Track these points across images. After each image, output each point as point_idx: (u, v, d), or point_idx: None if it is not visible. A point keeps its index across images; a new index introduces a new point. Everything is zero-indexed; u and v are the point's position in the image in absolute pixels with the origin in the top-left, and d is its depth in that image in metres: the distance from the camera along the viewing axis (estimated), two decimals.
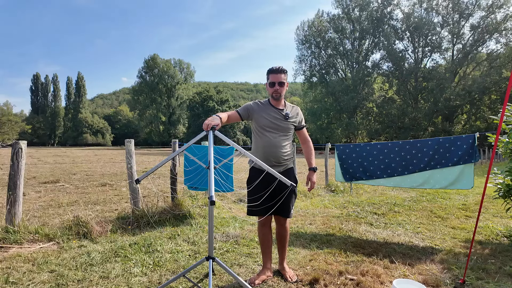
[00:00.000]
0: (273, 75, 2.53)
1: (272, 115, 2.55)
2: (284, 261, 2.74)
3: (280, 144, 2.53)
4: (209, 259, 2.26)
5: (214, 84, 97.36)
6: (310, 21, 47.12)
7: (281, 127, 2.55)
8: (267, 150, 2.51)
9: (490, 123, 32.88)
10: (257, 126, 2.57)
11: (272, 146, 2.51)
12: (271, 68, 2.56)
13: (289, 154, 2.60)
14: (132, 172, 4.30)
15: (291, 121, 2.59)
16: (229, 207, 5.39)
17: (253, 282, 2.49)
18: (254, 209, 2.56)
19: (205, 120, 2.20)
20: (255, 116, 2.57)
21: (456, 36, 37.96)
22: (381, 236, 3.92)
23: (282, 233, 2.69)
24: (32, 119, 77.68)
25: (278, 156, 2.51)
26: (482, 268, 2.86)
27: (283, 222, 2.66)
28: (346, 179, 4.88)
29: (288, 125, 2.58)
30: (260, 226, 2.67)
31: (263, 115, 2.55)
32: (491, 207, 5.85)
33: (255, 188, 2.53)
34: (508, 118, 3.56)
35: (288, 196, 2.57)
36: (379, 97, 43.51)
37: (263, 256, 2.68)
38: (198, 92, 62.93)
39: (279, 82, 2.51)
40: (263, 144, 2.54)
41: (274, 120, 2.54)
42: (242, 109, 2.61)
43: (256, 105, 2.62)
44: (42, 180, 8.65)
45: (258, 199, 2.55)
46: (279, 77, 2.52)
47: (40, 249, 3.17)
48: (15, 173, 3.37)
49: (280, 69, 2.54)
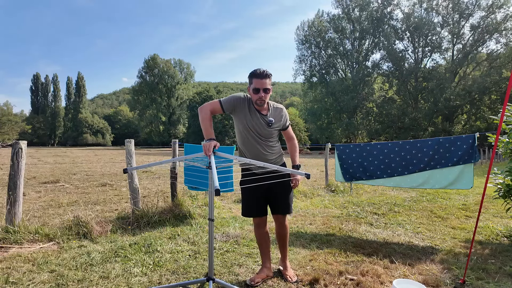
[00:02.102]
0: (257, 80, 2.32)
1: (255, 120, 2.40)
2: (285, 260, 2.70)
3: (263, 149, 2.44)
4: (209, 280, 2.26)
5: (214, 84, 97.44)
6: (310, 21, 47.14)
7: (264, 133, 2.43)
8: (252, 154, 2.44)
9: (490, 123, 32.86)
10: (240, 124, 2.43)
11: (256, 151, 2.43)
12: (255, 72, 2.34)
13: (275, 153, 2.53)
14: (132, 172, 4.30)
15: (274, 127, 2.46)
16: (229, 207, 5.39)
17: (253, 281, 2.49)
18: (248, 210, 2.56)
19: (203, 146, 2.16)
20: (238, 113, 2.41)
21: (456, 36, 37.96)
22: (381, 236, 3.92)
23: (282, 232, 2.64)
24: (32, 119, 77.66)
25: (265, 159, 2.42)
26: (482, 268, 2.85)
27: (282, 220, 2.60)
28: (346, 179, 4.88)
29: (271, 131, 2.46)
30: (256, 227, 2.64)
31: (246, 117, 2.39)
32: (491, 207, 5.85)
33: (247, 189, 2.50)
34: (508, 118, 3.57)
35: (284, 191, 2.51)
36: (379, 97, 43.52)
37: (262, 256, 2.68)
38: (198, 92, 62.96)
39: (264, 89, 2.31)
40: (247, 148, 2.46)
41: (256, 126, 2.40)
42: (226, 102, 2.38)
43: (240, 101, 2.40)
44: (42, 180, 8.65)
45: (250, 200, 2.54)
46: (264, 82, 2.31)
47: (40, 249, 3.17)
48: (15, 173, 3.37)
49: (265, 73, 2.32)
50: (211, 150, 2.11)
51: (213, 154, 2.10)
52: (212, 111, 2.37)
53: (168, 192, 5.06)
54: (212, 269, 2.26)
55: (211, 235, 2.26)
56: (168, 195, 4.97)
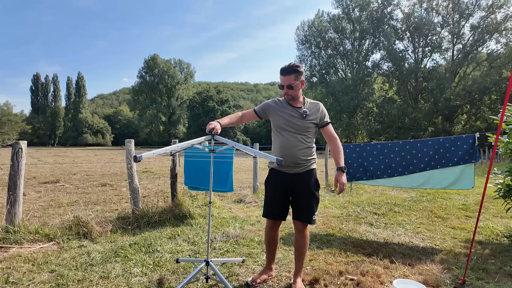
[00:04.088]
0: (281, 77, 2.35)
1: (289, 113, 2.39)
2: (298, 275, 2.46)
3: (297, 144, 2.34)
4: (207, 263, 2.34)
5: (214, 84, 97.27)
6: (310, 21, 47.14)
7: (299, 126, 2.36)
8: (284, 151, 2.35)
9: (490, 123, 32.85)
10: (274, 125, 2.46)
11: (288, 147, 2.34)
12: (281, 68, 2.37)
13: (308, 154, 2.40)
14: (132, 172, 4.30)
15: (309, 119, 2.38)
16: (229, 207, 5.39)
17: (255, 281, 2.48)
18: (268, 211, 2.48)
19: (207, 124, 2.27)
20: (272, 115, 2.45)
21: (456, 36, 37.95)
22: (381, 236, 3.92)
23: (300, 240, 2.44)
24: (32, 119, 77.61)
25: (295, 156, 2.33)
26: (482, 268, 2.86)
27: (301, 228, 2.42)
28: (346, 179, 4.87)
29: (306, 123, 2.37)
30: (268, 229, 2.54)
31: (279, 113, 2.41)
32: (491, 207, 5.85)
33: (270, 190, 2.47)
34: (508, 118, 3.57)
35: (308, 198, 2.38)
36: (379, 97, 43.53)
37: (267, 257, 2.64)
38: (198, 92, 63.00)
39: (287, 85, 2.34)
40: (279, 144, 2.40)
41: (290, 119, 2.37)
42: (259, 107, 2.53)
43: (274, 103, 2.48)
44: (42, 180, 8.65)
45: (272, 201, 2.46)
46: (287, 79, 2.33)
47: (40, 249, 3.17)
48: (15, 173, 3.37)
49: (288, 69, 2.32)
50: (210, 127, 2.22)
51: (212, 136, 2.21)
52: (245, 114, 2.53)
53: (168, 192, 5.06)
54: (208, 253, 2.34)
55: (209, 220, 2.30)
56: (168, 195, 4.97)
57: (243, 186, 7.69)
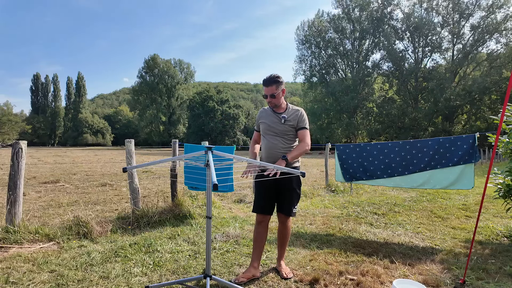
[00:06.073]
0: (264, 88, 2.63)
1: (271, 119, 2.68)
2: (281, 259, 2.79)
3: (278, 146, 2.62)
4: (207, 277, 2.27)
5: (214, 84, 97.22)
6: (310, 21, 47.20)
7: (279, 130, 2.64)
8: (267, 152, 2.67)
9: (490, 123, 32.87)
10: (261, 130, 2.78)
11: (271, 148, 2.64)
12: (263, 80, 2.63)
13: None
14: (132, 172, 4.30)
15: (288, 124, 2.64)
16: (229, 207, 5.39)
17: (238, 279, 2.51)
18: (256, 205, 2.71)
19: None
20: (261, 123, 2.77)
21: (456, 36, 37.98)
22: (381, 236, 3.92)
23: (283, 231, 2.75)
24: (32, 119, 77.67)
25: (277, 157, 2.58)
26: (482, 268, 2.85)
27: (284, 220, 2.71)
28: (346, 179, 4.88)
29: (286, 127, 2.64)
30: (257, 225, 2.71)
31: (264, 120, 2.72)
32: (491, 207, 5.85)
33: (258, 187, 2.69)
34: (508, 118, 3.56)
35: (290, 194, 2.65)
36: (379, 97, 43.55)
37: (253, 254, 2.69)
38: (198, 92, 62.86)
39: (270, 95, 2.61)
40: (264, 146, 2.70)
41: (272, 124, 2.66)
42: (256, 125, 2.87)
43: (261, 113, 2.80)
44: (42, 180, 8.65)
45: (259, 196, 2.69)
46: (270, 89, 2.59)
47: (40, 249, 3.17)
48: (15, 173, 3.37)
49: (269, 80, 2.59)
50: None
51: (210, 152, 2.19)
52: (255, 139, 2.89)
53: (168, 192, 5.06)
54: (209, 267, 2.27)
55: (209, 233, 2.27)
56: (168, 195, 4.97)
57: (243, 186, 7.69)
